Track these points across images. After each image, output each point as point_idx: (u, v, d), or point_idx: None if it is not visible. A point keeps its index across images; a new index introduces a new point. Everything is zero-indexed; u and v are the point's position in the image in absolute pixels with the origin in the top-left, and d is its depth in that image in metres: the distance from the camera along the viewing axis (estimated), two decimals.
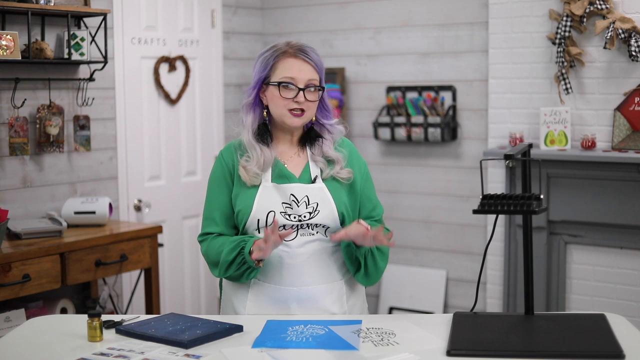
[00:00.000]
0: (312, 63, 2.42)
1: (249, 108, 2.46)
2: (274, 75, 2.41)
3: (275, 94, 2.40)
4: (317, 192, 2.41)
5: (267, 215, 2.38)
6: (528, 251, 2.36)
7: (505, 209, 2.17)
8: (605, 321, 2.23)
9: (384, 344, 2.10)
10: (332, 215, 2.40)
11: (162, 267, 4.55)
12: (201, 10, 4.87)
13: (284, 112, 2.40)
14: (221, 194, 2.48)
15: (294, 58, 2.40)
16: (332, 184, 2.44)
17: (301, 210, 2.39)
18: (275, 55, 2.41)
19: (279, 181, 2.42)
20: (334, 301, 2.44)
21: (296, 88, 2.38)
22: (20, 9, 3.63)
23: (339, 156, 2.46)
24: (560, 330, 2.18)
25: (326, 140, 2.48)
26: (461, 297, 4.82)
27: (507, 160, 2.21)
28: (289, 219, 2.39)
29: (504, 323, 2.30)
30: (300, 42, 2.45)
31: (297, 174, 2.44)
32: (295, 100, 2.38)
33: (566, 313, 2.46)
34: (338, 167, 2.45)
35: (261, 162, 2.41)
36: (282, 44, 2.44)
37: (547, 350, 2.02)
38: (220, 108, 5.03)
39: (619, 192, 4.06)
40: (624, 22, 3.99)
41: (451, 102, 4.75)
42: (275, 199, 2.39)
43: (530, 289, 2.35)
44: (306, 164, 2.46)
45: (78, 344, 2.18)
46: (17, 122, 3.73)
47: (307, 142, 2.49)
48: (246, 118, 2.46)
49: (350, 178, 2.46)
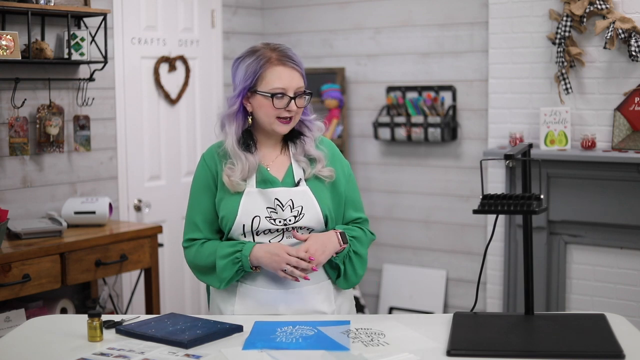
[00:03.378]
0: (299, 69, 2.41)
1: (233, 116, 2.44)
2: (262, 85, 2.38)
3: (266, 103, 2.38)
4: (301, 196, 2.41)
5: (252, 220, 2.39)
6: (528, 251, 2.36)
7: (505, 209, 2.17)
8: (605, 321, 2.23)
9: (374, 344, 2.11)
10: (317, 218, 2.41)
11: (162, 267, 4.55)
12: (201, 10, 4.87)
13: (273, 120, 2.40)
14: (204, 199, 2.48)
15: (282, 66, 2.38)
16: (314, 184, 2.44)
17: (286, 214, 2.40)
18: (261, 64, 2.37)
19: (263, 186, 2.42)
20: (322, 300, 2.44)
21: (287, 97, 2.37)
22: (20, 9, 3.63)
23: (320, 154, 2.47)
24: (560, 330, 2.18)
25: (307, 138, 2.48)
26: (461, 297, 4.82)
27: (507, 160, 2.21)
28: (274, 224, 2.39)
29: (504, 323, 2.30)
30: (281, 46, 2.43)
31: (280, 177, 2.44)
32: (287, 109, 2.38)
33: (566, 313, 2.47)
34: (320, 166, 2.45)
35: (246, 170, 2.40)
36: (264, 49, 2.40)
37: (547, 350, 2.02)
38: (220, 108, 5.03)
39: (619, 192, 4.06)
40: (624, 22, 3.99)
41: (451, 102, 4.75)
42: (260, 204, 2.39)
43: (530, 289, 2.35)
44: (289, 165, 2.47)
45: (78, 344, 2.18)
46: (17, 122, 3.73)
47: (289, 141, 2.49)
48: (229, 126, 2.44)
49: (331, 176, 2.46)
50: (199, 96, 4.89)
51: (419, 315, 2.50)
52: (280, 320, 2.33)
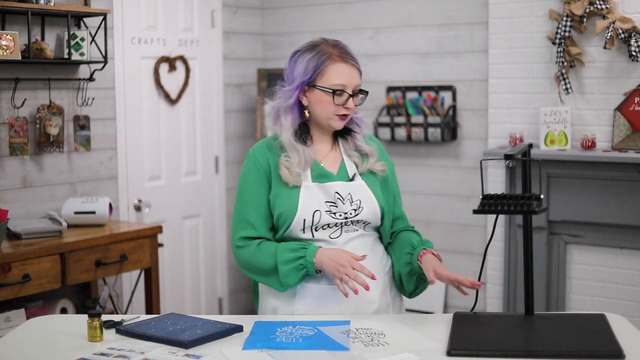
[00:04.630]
0: (358, 66, 2.43)
1: (289, 109, 2.43)
2: (321, 80, 2.38)
3: (325, 98, 2.38)
4: (358, 190, 2.42)
5: (312, 215, 2.37)
6: (528, 251, 2.36)
7: (506, 209, 2.17)
8: (605, 321, 2.23)
9: (374, 344, 2.11)
10: (375, 211, 2.43)
11: (162, 267, 4.55)
12: (201, 10, 4.87)
13: (331, 116, 2.40)
14: (259, 195, 2.42)
15: (344, 63, 2.40)
16: (369, 179, 2.46)
17: (346, 207, 2.40)
18: (322, 59, 2.38)
19: (319, 180, 2.42)
20: (380, 293, 2.44)
21: (346, 94, 2.38)
22: (20, 9, 3.63)
23: (372, 149, 2.49)
24: (560, 330, 2.18)
25: (357, 134, 2.51)
26: (461, 297, 4.82)
27: (507, 160, 2.21)
28: (335, 217, 2.39)
29: (504, 323, 2.30)
30: (340, 42, 2.44)
31: (335, 172, 2.46)
32: (346, 106, 2.39)
33: (566, 313, 2.46)
34: (372, 160, 2.48)
35: (303, 162, 2.39)
36: (324, 45, 2.42)
37: (547, 350, 2.02)
38: (220, 108, 5.04)
39: (619, 192, 4.06)
40: (624, 22, 3.99)
41: (451, 102, 4.75)
42: (320, 198, 2.39)
43: (530, 289, 2.35)
44: (341, 160, 2.48)
45: (78, 344, 2.18)
46: (17, 122, 3.73)
47: (339, 136, 2.51)
48: (285, 118, 2.43)
49: (384, 171, 2.49)
50: (199, 96, 4.89)
51: (419, 315, 2.49)
52: (280, 320, 2.33)
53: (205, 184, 4.97)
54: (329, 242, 2.39)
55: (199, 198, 4.93)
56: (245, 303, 5.29)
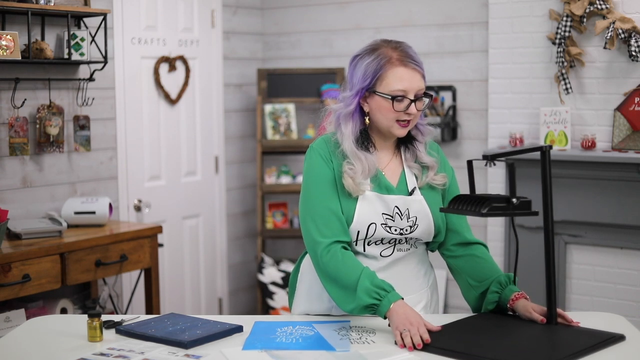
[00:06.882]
0: (420, 70, 2.30)
1: (349, 116, 2.32)
2: (381, 86, 2.27)
3: (385, 105, 2.27)
4: (417, 206, 2.33)
5: (367, 228, 2.29)
6: (550, 260, 2.26)
7: (510, 211, 2.16)
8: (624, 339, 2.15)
9: (361, 342, 2.13)
10: (429, 230, 2.35)
11: (162, 267, 4.55)
12: (201, 10, 4.87)
13: (392, 124, 2.29)
14: (335, 195, 2.31)
15: (404, 67, 2.27)
16: (428, 193, 2.36)
17: (403, 223, 2.31)
18: (381, 64, 2.27)
19: (379, 191, 2.32)
20: (421, 309, 2.41)
21: (407, 100, 2.27)
22: (20, 9, 3.63)
23: (432, 161, 2.38)
24: (560, 331, 2.18)
25: (419, 143, 2.39)
26: (461, 297, 4.79)
27: (486, 161, 2.22)
28: (390, 232, 2.31)
29: (526, 328, 2.23)
30: (401, 45, 2.33)
31: (395, 183, 2.35)
32: (407, 112, 2.27)
33: (587, 328, 2.28)
34: (432, 173, 2.37)
35: (367, 171, 2.30)
36: (385, 47, 2.30)
37: (555, 352, 2.02)
38: (220, 108, 5.04)
39: (619, 192, 4.06)
40: (624, 22, 3.99)
41: (451, 102, 4.75)
42: (377, 210, 2.30)
43: (553, 298, 2.24)
44: (402, 171, 2.38)
45: (78, 344, 2.18)
46: (17, 122, 3.73)
47: (401, 145, 2.41)
48: (345, 126, 2.32)
49: (445, 183, 2.39)
50: (199, 96, 4.89)
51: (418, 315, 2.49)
52: (280, 320, 2.33)
53: (205, 184, 4.97)
54: (378, 260, 2.33)
55: (199, 198, 4.93)
56: (245, 303, 5.29)
